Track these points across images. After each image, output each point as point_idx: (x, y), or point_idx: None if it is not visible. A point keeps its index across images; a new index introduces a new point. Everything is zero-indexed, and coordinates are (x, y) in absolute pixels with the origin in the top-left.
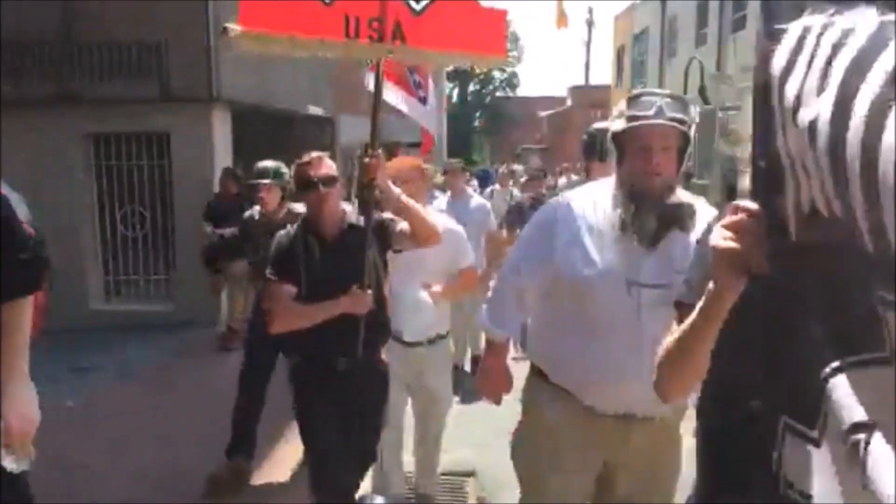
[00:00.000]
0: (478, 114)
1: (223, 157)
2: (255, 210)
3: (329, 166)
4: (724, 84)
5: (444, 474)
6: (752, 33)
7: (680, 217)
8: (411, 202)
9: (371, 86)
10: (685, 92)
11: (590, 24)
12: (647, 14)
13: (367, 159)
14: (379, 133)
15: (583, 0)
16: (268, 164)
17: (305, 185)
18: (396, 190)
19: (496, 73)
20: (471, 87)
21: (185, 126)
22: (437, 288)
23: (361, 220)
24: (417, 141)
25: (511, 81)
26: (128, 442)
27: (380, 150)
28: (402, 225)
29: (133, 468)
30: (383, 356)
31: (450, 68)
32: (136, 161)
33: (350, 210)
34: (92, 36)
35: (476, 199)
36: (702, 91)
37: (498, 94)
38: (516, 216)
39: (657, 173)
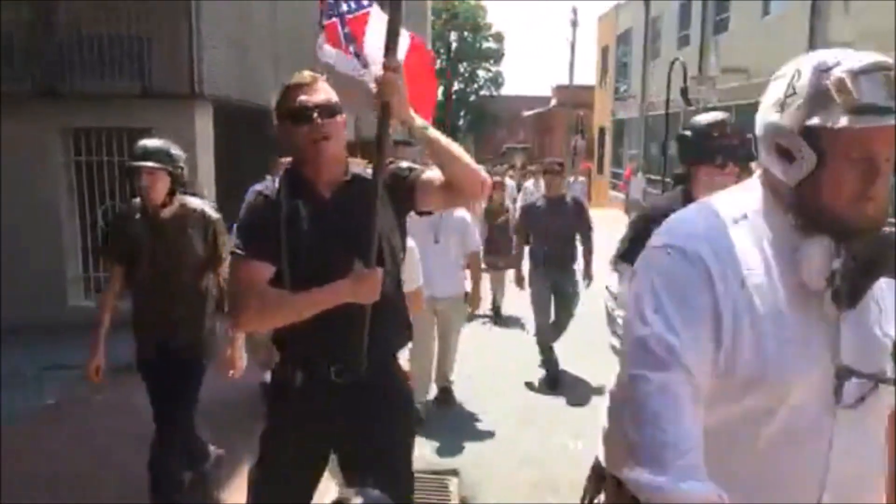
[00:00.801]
0: (462, 113)
1: (205, 153)
2: (136, 202)
3: (328, 91)
4: (704, 85)
5: (428, 474)
6: (733, 35)
7: (890, 256)
8: (442, 136)
9: (325, 58)
10: (668, 93)
11: (574, 24)
12: (631, 15)
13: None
14: (397, 39)
15: (567, 0)
16: (154, 142)
17: (295, 116)
18: (420, 121)
19: (480, 73)
20: (455, 87)
21: (167, 122)
22: None
23: (369, 171)
24: (406, 139)
25: (496, 81)
26: (109, 440)
27: (400, 63)
28: (430, 172)
29: (115, 466)
30: (404, 366)
31: (436, 65)
32: (117, 157)
33: (352, 159)
34: (73, 30)
35: (458, 211)
36: (683, 92)
37: (482, 93)
38: (530, 218)
39: (872, 198)
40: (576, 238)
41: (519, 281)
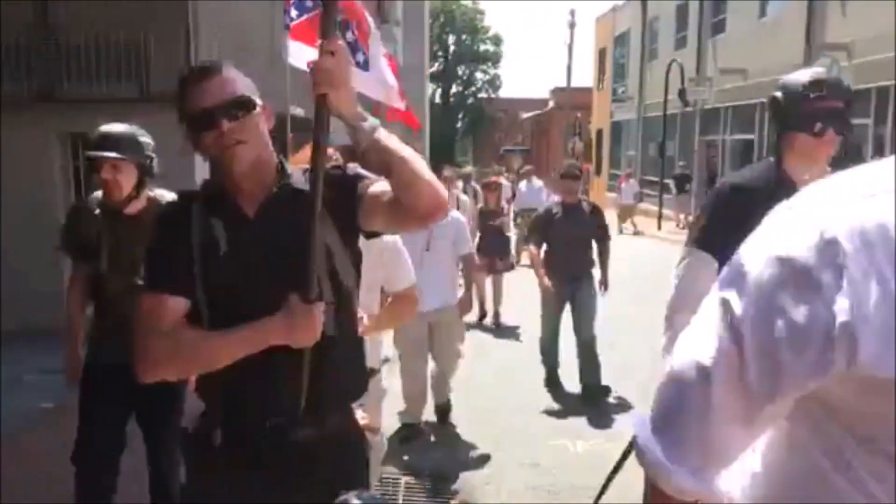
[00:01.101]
0: (460, 115)
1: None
2: (97, 196)
3: (236, 82)
4: (702, 86)
5: (427, 477)
6: (731, 36)
7: None
8: (396, 141)
9: (290, 59)
10: (665, 94)
11: (571, 26)
12: (628, 17)
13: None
14: (333, 18)
15: (565, 1)
16: (118, 128)
17: (195, 121)
18: (371, 120)
19: (478, 75)
20: (453, 89)
21: (166, 127)
22: (363, 320)
23: (306, 179)
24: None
25: (493, 83)
26: None
27: (341, 44)
28: (380, 184)
29: None
30: (361, 417)
31: (433, 68)
32: None
33: (289, 166)
34: (72, 35)
35: (451, 212)
36: (681, 93)
37: (480, 95)
38: (544, 227)
39: None
40: (592, 245)
41: (546, 287)
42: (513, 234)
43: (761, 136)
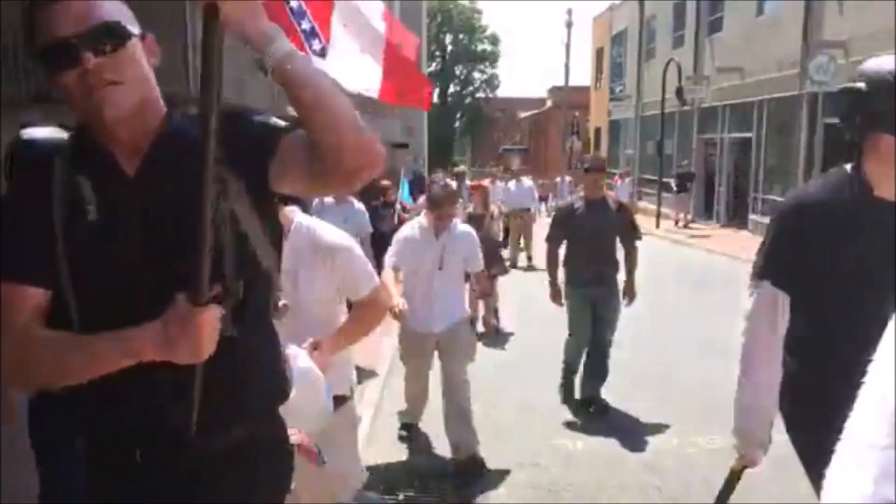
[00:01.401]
0: (458, 115)
1: None
2: None
3: (99, 5)
4: (699, 85)
5: (426, 476)
6: (728, 35)
7: None
8: (319, 74)
9: None
10: (663, 93)
11: (569, 25)
12: (626, 16)
13: None
14: None
15: (562, 0)
16: (40, 133)
17: (50, 56)
18: (285, 43)
19: (476, 75)
20: (451, 89)
21: None
22: (319, 347)
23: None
24: (405, 142)
25: (491, 83)
26: None
27: None
28: (297, 134)
29: None
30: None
31: (431, 67)
32: None
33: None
34: None
35: (461, 227)
36: (678, 92)
37: (478, 95)
38: (564, 222)
39: None
40: (617, 246)
41: (556, 296)
42: (501, 237)
43: (759, 134)
